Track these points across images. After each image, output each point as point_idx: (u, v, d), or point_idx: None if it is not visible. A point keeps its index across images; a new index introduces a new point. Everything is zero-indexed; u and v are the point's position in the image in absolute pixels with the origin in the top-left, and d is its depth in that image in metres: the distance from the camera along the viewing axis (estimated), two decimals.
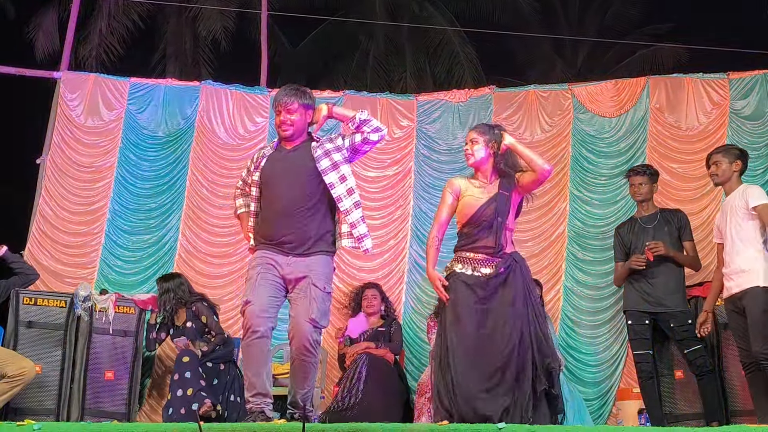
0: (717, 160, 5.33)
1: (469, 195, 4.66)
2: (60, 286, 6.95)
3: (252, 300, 4.24)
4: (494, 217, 4.55)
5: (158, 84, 7.92)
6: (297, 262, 4.29)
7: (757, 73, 7.21)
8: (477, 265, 4.53)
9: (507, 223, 4.61)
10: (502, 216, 4.58)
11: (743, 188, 5.27)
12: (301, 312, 4.23)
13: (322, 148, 4.41)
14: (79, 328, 6.25)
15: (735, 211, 5.18)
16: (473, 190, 4.68)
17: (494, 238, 4.54)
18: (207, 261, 7.40)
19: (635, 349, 5.92)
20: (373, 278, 7.19)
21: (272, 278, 4.29)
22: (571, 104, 7.61)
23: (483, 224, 4.57)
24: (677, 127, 7.29)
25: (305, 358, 4.25)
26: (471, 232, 4.61)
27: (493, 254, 4.53)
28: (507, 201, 4.62)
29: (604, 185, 7.31)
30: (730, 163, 5.29)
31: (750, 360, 5.05)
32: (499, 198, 4.61)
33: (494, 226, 4.55)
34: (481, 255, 4.54)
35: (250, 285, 4.30)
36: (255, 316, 4.20)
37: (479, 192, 4.65)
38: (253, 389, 4.22)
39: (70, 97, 7.62)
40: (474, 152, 4.69)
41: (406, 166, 7.70)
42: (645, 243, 5.89)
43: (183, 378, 5.87)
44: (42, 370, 5.94)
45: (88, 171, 7.51)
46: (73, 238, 7.32)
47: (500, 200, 4.60)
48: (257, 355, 4.24)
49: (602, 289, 7.03)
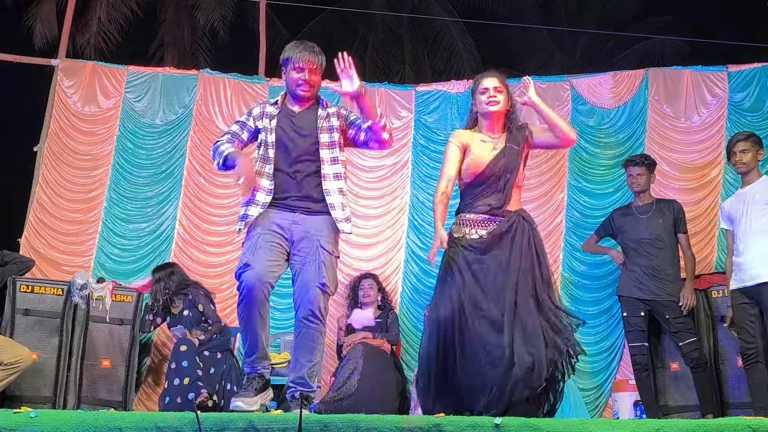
0: (745, 148, 5.27)
1: (476, 150, 4.33)
2: (57, 274, 6.94)
3: (251, 263, 3.97)
4: (503, 173, 4.26)
5: (156, 72, 7.89)
6: (304, 219, 4.09)
7: (756, 66, 7.21)
8: (478, 227, 4.23)
9: (516, 180, 4.32)
10: (511, 172, 4.28)
11: (766, 180, 5.24)
12: (311, 276, 4.01)
13: (328, 121, 4.26)
14: (76, 316, 6.25)
15: (757, 203, 5.14)
16: (480, 144, 4.35)
17: (499, 196, 4.25)
18: (204, 250, 7.40)
19: (631, 341, 5.95)
20: (371, 268, 7.19)
21: (274, 240, 4.06)
22: (569, 95, 7.61)
23: (490, 181, 4.27)
24: (676, 119, 7.29)
25: (312, 325, 4.02)
26: (475, 191, 4.30)
27: (495, 212, 4.23)
28: (517, 156, 4.32)
29: (602, 176, 7.32)
30: (757, 152, 5.28)
31: (751, 352, 5.06)
32: (508, 152, 4.30)
33: (502, 184, 4.26)
34: (483, 216, 4.24)
35: (249, 246, 4.06)
36: (254, 280, 3.94)
37: (487, 146, 4.34)
38: (252, 353, 4.06)
39: (67, 84, 7.60)
40: (500, 100, 4.36)
41: (404, 156, 7.69)
42: (637, 233, 5.97)
43: (180, 367, 5.87)
44: (39, 357, 5.95)
45: (86, 159, 7.49)
46: (70, 226, 7.31)
47: (509, 155, 4.30)
48: (256, 317, 4.00)
49: (600, 280, 7.05)
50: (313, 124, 4.24)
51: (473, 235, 4.21)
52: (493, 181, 4.26)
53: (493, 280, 4.10)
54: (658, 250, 5.90)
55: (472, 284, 4.12)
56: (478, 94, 4.41)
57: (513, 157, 4.30)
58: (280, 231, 4.09)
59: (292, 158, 4.17)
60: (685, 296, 5.77)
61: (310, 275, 4.02)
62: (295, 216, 4.11)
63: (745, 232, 5.16)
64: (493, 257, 4.14)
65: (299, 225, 4.10)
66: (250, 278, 3.96)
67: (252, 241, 4.06)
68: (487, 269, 4.12)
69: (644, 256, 5.93)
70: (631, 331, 5.94)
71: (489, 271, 4.12)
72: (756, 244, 5.07)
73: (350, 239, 7.43)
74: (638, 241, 5.98)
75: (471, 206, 4.29)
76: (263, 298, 4.00)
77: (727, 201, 5.52)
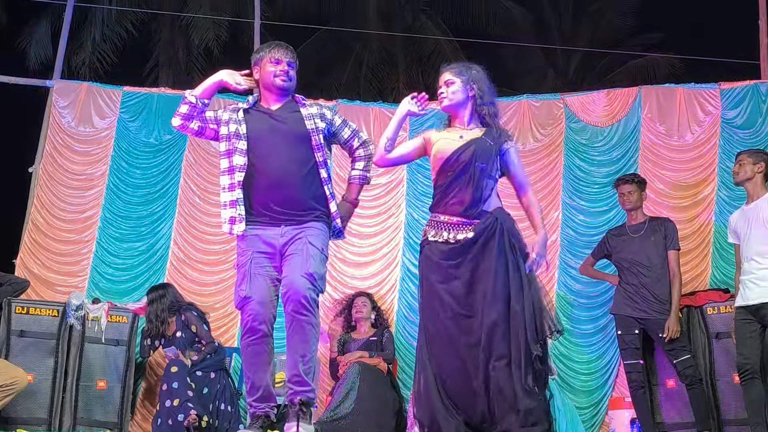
0: (741, 160, 5.38)
1: (442, 141, 4.00)
2: (51, 295, 6.92)
3: (251, 295, 3.87)
4: (471, 161, 3.87)
5: (151, 92, 7.91)
6: (290, 230, 3.96)
7: (748, 83, 7.26)
8: (452, 229, 3.87)
9: (489, 171, 3.92)
10: (485, 162, 3.89)
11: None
12: (296, 267, 3.86)
13: (314, 122, 4.14)
14: (71, 337, 6.22)
15: (761, 220, 5.17)
16: (447, 135, 4.03)
17: (471, 191, 3.85)
18: (198, 269, 7.39)
19: (626, 358, 5.96)
20: (366, 286, 7.19)
21: (264, 264, 3.95)
22: (563, 114, 7.63)
23: (457, 172, 3.88)
24: (669, 136, 7.32)
25: (302, 317, 3.84)
26: (444, 185, 3.93)
27: (470, 213, 3.86)
28: (491, 150, 3.93)
29: (597, 194, 7.34)
30: (754, 164, 5.32)
31: (747, 367, 5.06)
32: (480, 143, 3.92)
33: (471, 174, 3.87)
34: (456, 217, 3.87)
35: (244, 275, 3.93)
36: (257, 314, 3.87)
37: (454, 135, 4.01)
38: (256, 392, 3.93)
39: (62, 105, 7.61)
40: (449, 95, 4.05)
41: (399, 174, 7.70)
42: (629, 252, 6.00)
43: (171, 388, 5.85)
44: (34, 379, 5.91)
45: (80, 179, 7.49)
46: (64, 247, 7.29)
47: (481, 145, 3.91)
48: (261, 356, 3.92)
49: (595, 298, 7.05)
50: (300, 124, 4.11)
51: (446, 238, 3.89)
52: (461, 171, 3.89)
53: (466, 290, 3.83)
54: (649, 269, 5.93)
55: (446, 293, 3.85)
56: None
57: (485, 149, 3.92)
58: (268, 252, 3.97)
59: (275, 163, 4.01)
60: (668, 327, 5.75)
61: (296, 266, 3.88)
62: (282, 229, 3.97)
63: (749, 250, 5.19)
64: (466, 265, 3.83)
65: (284, 236, 3.96)
66: (255, 311, 3.89)
67: (246, 268, 3.95)
68: (460, 277, 3.83)
69: (636, 274, 5.96)
70: (626, 349, 5.95)
71: (461, 279, 3.83)
72: (760, 262, 5.10)
73: (346, 258, 7.45)
74: (630, 260, 6.02)
75: (442, 205, 3.94)
76: (269, 332, 3.95)
77: (734, 215, 5.54)
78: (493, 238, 3.82)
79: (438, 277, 3.88)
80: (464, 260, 3.83)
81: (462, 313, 3.81)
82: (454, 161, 3.91)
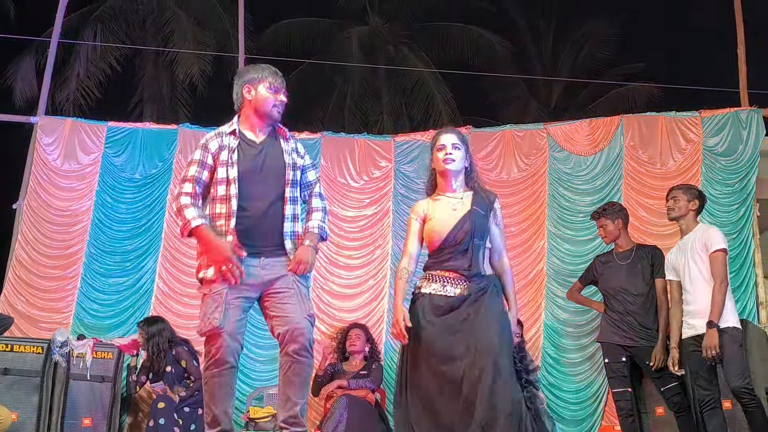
0: (675, 195, 5.46)
1: (437, 218, 4.15)
2: (36, 332, 6.87)
3: (224, 326, 3.80)
4: (469, 239, 4.05)
5: (136, 127, 7.92)
6: (272, 262, 3.92)
7: (729, 111, 7.34)
8: (447, 283, 4.03)
9: (484, 243, 4.11)
10: (481, 238, 4.09)
11: (703, 229, 5.39)
12: (298, 310, 3.86)
13: (291, 157, 4.09)
14: (56, 374, 6.17)
15: (696, 252, 5.27)
16: (441, 207, 4.17)
17: (468, 260, 4.02)
18: (184, 302, 7.35)
19: (614, 387, 5.94)
20: (354, 318, 7.17)
21: (241, 294, 3.88)
22: (546, 143, 7.69)
23: (456, 248, 4.06)
24: (652, 164, 7.38)
25: (305, 359, 3.84)
26: (441, 255, 4.09)
27: (467, 275, 4.01)
28: (484, 220, 4.12)
29: (581, 222, 7.36)
30: (688, 201, 5.42)
31: (709, 398, 5.10)
32: (475, 216, 4.09)
33: (470, 249, 4.04)
34: (453, 274, 4.03)
35: (215, 303, 3.83)
36: (226, 346, 3.81)
37: (449, 207, 4.15)
38: (216, 425, 3.85)
39: (46, 141, 7.61)
40: (456, 158, 4.17)
41: (385, 206, 7.73)
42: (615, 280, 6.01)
43: (157, 425, 5.81)
44: (18, 417, 5.86)
45: (65, 215, 7.47)
46: (49, 283, 7.26)
47: (475, 218, 4.09)
48: (227, 388, 3.88)
49: (582, 327, 7.05)
50: (280, 157, 4.08)
51: (440, 291, 4.02)
52: (461, 246, 4.05)
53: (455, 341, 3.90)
54: (635, 296, 5.93)
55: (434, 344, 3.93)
56: (435, 151, 4.25)
57: (480, 222, 4.11)
58: (246, 283, 3.88)
59: (255, 195, 3.96)
60: (655, 356, 5.76)
61: (296, 308, 3.87)
62: (261, 261, 3.92)
63: (691, 281, 5.28)
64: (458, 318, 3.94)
65: (266, 269, 3.92)
66: (226, 343, 3.84)
67: (223, 297, 3.85)
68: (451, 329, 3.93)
69: (622, 302, 5.96)
70: (613, 377, 5.93)
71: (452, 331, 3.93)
72: (703, 292, 5.17)
73: (333, 290, 7.43)
74: (616, 288, 6.02)
75: (439, 265, 4.09)
76: (236, 364, 3.92)
77: (670, 252, 5.62)
78: (486, 297, 3.98)
79: (429, 328, 3.97)
80: (457, 313, 3.95)
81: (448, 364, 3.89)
82: (452, 239, 4.08)
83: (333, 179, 7.75)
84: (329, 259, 7.57)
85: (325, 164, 7.76)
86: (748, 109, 7.31)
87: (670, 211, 5.50)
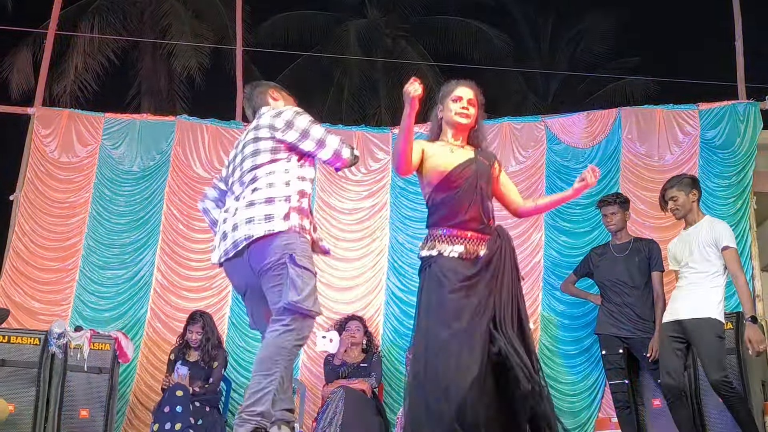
0: (673, 195, 5.38)
1: (439, 153, 3.93)
2: (34, 324, 6.87)
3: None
4: (476, 178, 3.83)
5: (133, 119, 7.91)
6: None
7: (726, 104, 7.34)
8: (468, 244, 3.77)
9: (490, 193, 3.93)
10: (486, 182, 3.88)
11: (710, 222, 5.36)
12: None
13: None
14: (53, 365, 6.15)
15: (701, 245, 5.25)
16: (442, 148, 3.97)
17: (480, 208, 3.80)
18: (182, 295, 7.35)
19: (611, 379, 5.96)
20: (351, 311, 7.16)
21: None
22: (544, 136, 7.69)
23: (462, 189, 3.81)
24: (649, 157, 7.38)
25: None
26: (448, 199, 3.81)
27: (482, 229, 3.79)
28: (489, 170, 3.94)
29: (579, 215, 7.37)
30: (687, 195, 5.37)
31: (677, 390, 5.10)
32: (479, 162, 3.90)
33: (478, 191, 3.81)
34: (471, 232, 3.78)
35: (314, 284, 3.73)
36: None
37: (450, 150, 3.96)
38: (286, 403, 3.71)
39: (44, 133, 7.60)
40: (471, 115, 4.00)
41: (383, 198, 7.72)
42: (613, 272, 6.03)
43: (174, 411, 5.86)
44: (15, 409, 5.85)
45: (63, 207, 7.46)
46: (47, 275, 7.26)
47: (480, 165, 3.91)
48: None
49: (579, 319, 7.06)
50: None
51: (461, 253, 3.76)
52: (466, 188, 3.82)
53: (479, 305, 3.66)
54: (633, 288, 5.95)
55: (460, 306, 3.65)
56: (449, 101, 4.06)
57: (485, 169, 3.92)
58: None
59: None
60: (651, 347, 5.77)
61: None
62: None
63: (688, 270, 5.27)
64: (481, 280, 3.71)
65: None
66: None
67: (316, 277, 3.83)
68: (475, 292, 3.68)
69: (619, 294, 5.98)
70: (610, 369, 5.95)
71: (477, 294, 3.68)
72: (695, 283, 5.19)
73: (330, 282, 7.43)
74: (613, 279, 6.03)
75: (456, 220, 3.80)
76: None
77: (672, 242, 5.60)
78: (502, 255, 3.76)
79: (451, 289, 3.67)
80: (480, 275, 3.71)
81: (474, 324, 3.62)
82: (457, 176, 3.84)
83: (330, 171, 7.74)
84: None
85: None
86: (746, 102, 7.30)
87: (675, 212, 5.41)
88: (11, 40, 13.30)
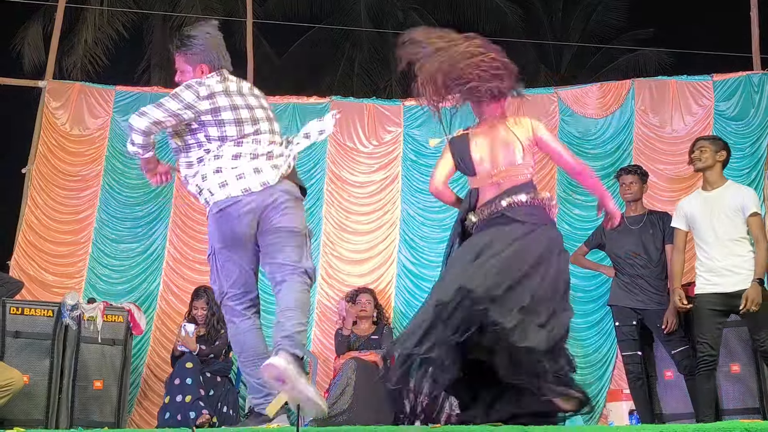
0: (702, 146, 5.33)
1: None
2: (47, 296, 6.90)
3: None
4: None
5: (144, 92, 7.89)
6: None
7: (740, 75, 7.27)
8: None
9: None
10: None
11: (737, 187, 5.30)
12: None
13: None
14: (67, 337, 6.19)
15: (726, 210, 5.18)
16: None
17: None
18: (195, 268, 7.37)
19: (623, 350, 5.95)
20: (362, 283, 7.18)
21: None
22: (557, 107, 7.64)
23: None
24: (662, 128, 7.33)
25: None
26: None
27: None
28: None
29: None
30: (715, 152, 5.30)
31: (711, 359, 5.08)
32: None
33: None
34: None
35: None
36: None
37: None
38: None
39: (55, 105, 7.59)
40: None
41: (394, 170, 7.71)
42: (627, 243, 5.96)
43: (184, 384, 5.89)
44: (30, 380, 5.89)
45: (75, 180, 7.47)
46: (60, 248, 7.28)
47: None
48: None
49: (591, 291, 7.06)
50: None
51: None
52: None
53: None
54: (646, 260, 5.92)
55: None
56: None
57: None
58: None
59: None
60: (666, 319, 5.75)
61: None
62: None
63: (717, 238, 5.19)
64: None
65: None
66: None
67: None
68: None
69: (633, 266, 5.95)
70: (623, 341, 5.94)
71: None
72: (729, 251, 5.13)
73: (342, 255, 7.44)
74: (627, 251, 6.00)
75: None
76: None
77: (687, 200, 5.50)
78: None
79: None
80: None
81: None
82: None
83: (342, 143, 7.73)
84: (339, 225, 7.57)
85: (334, 128, 7.71)
86: (761, 73, 7.23)
87: (696, 162, 5.34)
88: (22, 12, 13.27)
